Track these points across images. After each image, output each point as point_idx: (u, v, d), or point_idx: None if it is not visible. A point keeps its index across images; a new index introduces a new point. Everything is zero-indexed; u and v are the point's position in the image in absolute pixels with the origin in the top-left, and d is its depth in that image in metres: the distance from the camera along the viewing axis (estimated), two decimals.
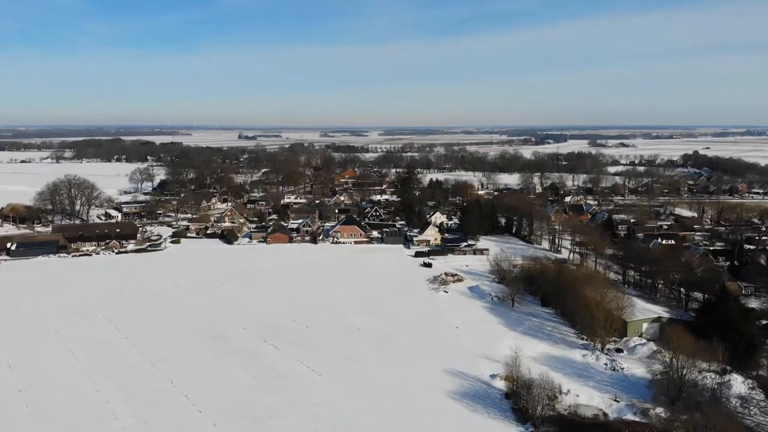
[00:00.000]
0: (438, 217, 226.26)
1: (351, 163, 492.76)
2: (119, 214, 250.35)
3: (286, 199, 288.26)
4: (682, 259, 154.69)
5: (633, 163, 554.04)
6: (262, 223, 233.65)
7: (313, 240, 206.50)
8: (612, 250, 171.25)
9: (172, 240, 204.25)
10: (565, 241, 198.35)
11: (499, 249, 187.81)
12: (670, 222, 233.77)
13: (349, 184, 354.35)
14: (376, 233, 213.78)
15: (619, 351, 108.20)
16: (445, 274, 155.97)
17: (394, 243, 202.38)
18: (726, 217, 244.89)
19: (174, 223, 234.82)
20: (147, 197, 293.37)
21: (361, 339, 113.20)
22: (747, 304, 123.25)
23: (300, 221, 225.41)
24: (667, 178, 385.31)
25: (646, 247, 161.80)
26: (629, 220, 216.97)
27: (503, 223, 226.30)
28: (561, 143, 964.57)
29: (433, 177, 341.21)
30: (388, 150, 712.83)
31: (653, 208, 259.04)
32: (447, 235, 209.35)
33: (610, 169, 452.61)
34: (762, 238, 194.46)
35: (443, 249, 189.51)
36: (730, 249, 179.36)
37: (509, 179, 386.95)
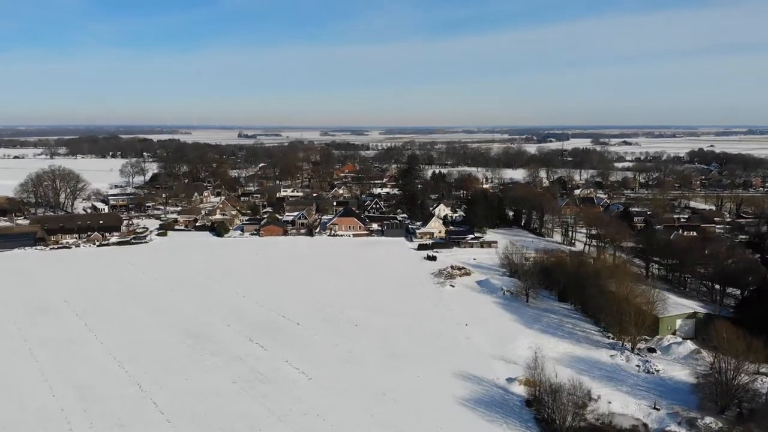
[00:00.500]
0: (442, 210, 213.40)
1: (351, 158, 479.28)
2: (106, 207, 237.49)
3: (282, 193, 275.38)
4: (706, 251, 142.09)
5: (638, 159, 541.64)
6: (256, 215, 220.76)
7: (310, 233, 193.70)
8: (631, 242, 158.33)
9: (158, 232, 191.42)
10: (577, 234, 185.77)
11: (507, 242, 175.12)
12: (687, 215, 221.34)
13: (349, 179, 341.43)
14: (376, 226, 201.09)
15: (651, 351, 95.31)
16: (452, 268, 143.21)
17: (396, 236, 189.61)
18: (745, 210, 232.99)
19: (163, 216, 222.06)
20: (137, 191, 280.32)
21: (359, 338, 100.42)
22: None
23: (296, 213, 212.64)
24: (678, 172, 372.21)
25: (669, 239, 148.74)
26: (645, 212, 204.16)
27: (511, 215, 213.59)
28: (563, 142, 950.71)
29: (436, 171, 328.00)
30: (388, 147, 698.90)
31: (668, 201, 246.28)
32: (452, 227, 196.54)
33: (617, 164, 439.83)
34: None
35: (448, 242, 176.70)
36: (755, 241, 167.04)
37: (514, 174, 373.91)
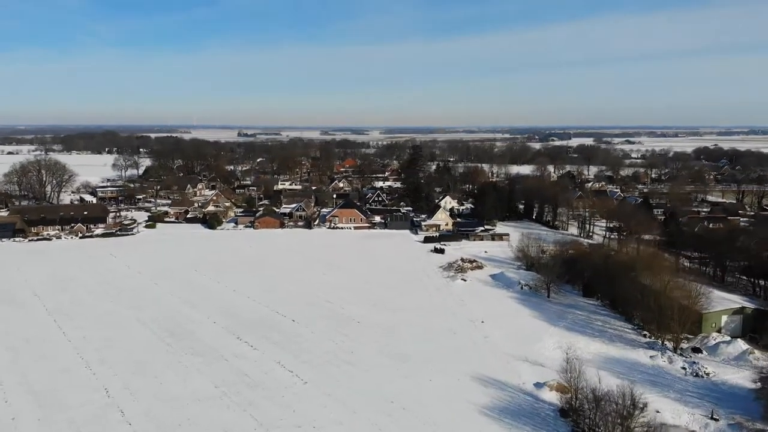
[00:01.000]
0: (448, 202, 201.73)
1: (351, 155, 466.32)
2: (94, 200, 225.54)
3: (280, 185, 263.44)
4: (737, 243, 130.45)
5: (644, 156, 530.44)
6: (252, 208, 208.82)
7: (308, 225, 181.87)
8: (653, 235, 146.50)
9: (146, 224, 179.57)
10: (594, 227, 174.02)
11: (520, 234, 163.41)
12: (706, 208, 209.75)
13: (349, 173, 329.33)
14: (378, 218, 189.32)
15: (696, 351, 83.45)
16: (462, 260, 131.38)
17: (400, 228, 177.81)
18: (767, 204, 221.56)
19: (153, 208, 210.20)
20: (129, 184, 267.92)
21: (362, 336, 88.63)
22: None
23: (293, 206, 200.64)
24: (690, 167, 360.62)
25: (698, 231, 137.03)
26: (665, 204, 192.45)
27: (521, 208, 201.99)
28: (565, 141, 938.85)
29: (441, 163, 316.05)
30: (389, 144, 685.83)
31: (686, 195, 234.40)
32: (459, 219, 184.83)
33: (625, 161, 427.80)
34: None
35: (456, 234, 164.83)
36: None
37: (520, 170, 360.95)
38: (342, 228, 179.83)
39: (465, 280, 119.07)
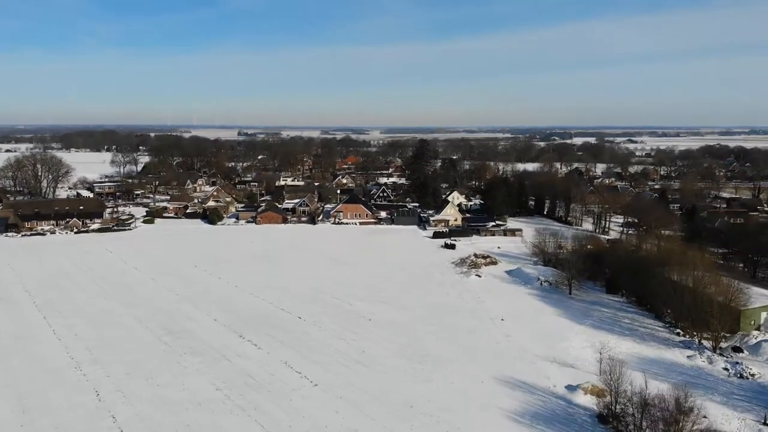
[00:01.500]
0: (456, 197, 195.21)
1: (353, 152, 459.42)
2: (91, 195, 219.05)
3: (282, 182, 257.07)
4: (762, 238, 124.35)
5: (649, 154, 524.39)
6: (253, 203, 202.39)
7: (312, 221, 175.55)
8: (675, 230, 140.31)
9: (144, 219, 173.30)
10: (607, 222, 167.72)
11: (532, 230, 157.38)
12: (720, 204, 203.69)
13: (352, 169, 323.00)
14: (384, 214, 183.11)
15: (737, 350, 77.16)
16: (475, 256, 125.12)
17: (407, 224, 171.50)
18: None
19: (152, 204, 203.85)
20: (127, 180, 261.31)
21: (374, 335, 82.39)
22: None
23: (296, 201, 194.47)
24: (699, 164, 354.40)
25: (720, 226, 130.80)
26: (680, 199, 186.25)
27: (531, 203, 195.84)
28: (566, 140, 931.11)
29: (446, 159, 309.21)
30: (391, 141, 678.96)
31: (700, 191, 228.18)
32: (468, 215, 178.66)
33: (631, 159, 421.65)
34: None
35: (466, 229, 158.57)
36: None
37: (525, 167, 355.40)
38: (347, 223, 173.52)
39: (480, 276, 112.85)
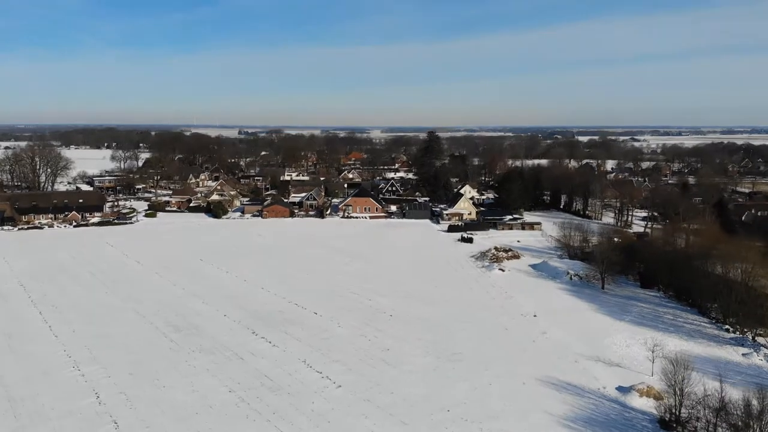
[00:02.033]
0: (468, 191, 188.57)
1: (356, 149, 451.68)
2: (91, 189, 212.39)
3: (287, 176, 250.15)
4: None
5: (655, 152, 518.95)
6: (259, 197, 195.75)
7: (320, 215, 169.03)
8: (703, 223, 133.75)
9: (146, 213, 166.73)
10: (630, 216, 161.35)
11: (551, 224, 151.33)
12: (742, 198, 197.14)
13: (357, 164, 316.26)
14: (394, 208, 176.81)
15: None
16: (496, 249, 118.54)
17: (419, 218, 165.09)
18: None
19: (153, 198, 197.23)
20: (128, 174, 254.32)
21: (399, 332, 75.89)
22: None
23: (303, 195, 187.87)
24: (710, 159, 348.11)
25: (748, 219, 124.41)
26: (702, 192, 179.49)
27: (546, 197, 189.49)
28: (570, 139, 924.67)
29: (455, 153, 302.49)
30: (395, 138, 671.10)
31: (717, 185, 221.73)
32: (482, 209, 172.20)
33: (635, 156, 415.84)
34: None
35: (482, 223, 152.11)
36: None
37: (533, 163, 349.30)
38: (357, 217, 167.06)
39: (503, 270, 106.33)
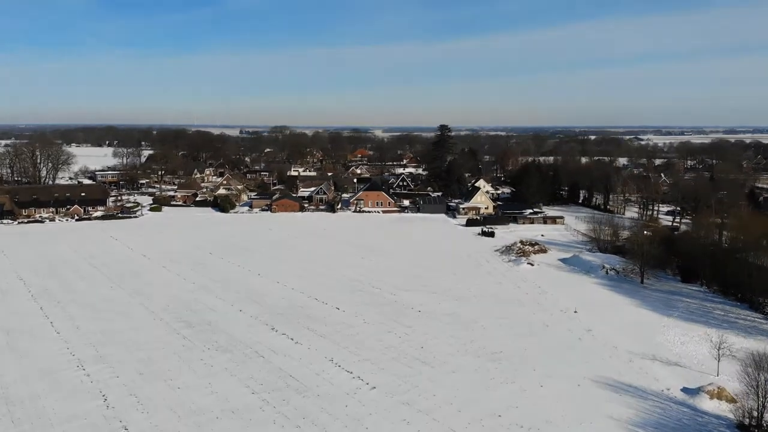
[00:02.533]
0: (483, 185, 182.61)
1: (362, 146, 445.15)
2: (93, 183, 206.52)
3: (293, 172, 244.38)
4: None
5: (662, 150, 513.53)
6: (267, 192, 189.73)
7: (331, 209, 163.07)
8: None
9: (151, 207, 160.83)
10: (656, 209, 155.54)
11: (573, 218, 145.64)
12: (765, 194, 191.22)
13: (364, 161, 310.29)
14: (407, 203, 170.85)
15: None
16: (522, 243, 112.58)
17: (435, 212, 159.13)
18: None
19: (158, 192, 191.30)
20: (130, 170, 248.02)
21: (431, 329, 69.88)
22: None
23: (312, 189, 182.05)
24: (723, 156, 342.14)
25: None
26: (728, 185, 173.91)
27: (564, 192, 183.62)
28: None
29: (465, 148, 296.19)
30: (399, 136, 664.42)
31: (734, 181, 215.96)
32: (500, 203, 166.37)
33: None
34: None
35: (502, 217, 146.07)
36: None
37: (543, 160, 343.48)
38: (369, 212, 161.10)
39: (532, 265, 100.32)
